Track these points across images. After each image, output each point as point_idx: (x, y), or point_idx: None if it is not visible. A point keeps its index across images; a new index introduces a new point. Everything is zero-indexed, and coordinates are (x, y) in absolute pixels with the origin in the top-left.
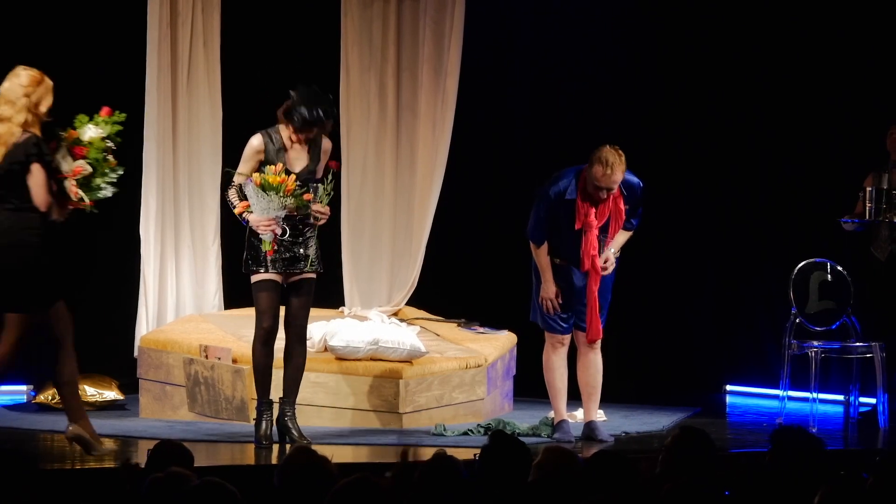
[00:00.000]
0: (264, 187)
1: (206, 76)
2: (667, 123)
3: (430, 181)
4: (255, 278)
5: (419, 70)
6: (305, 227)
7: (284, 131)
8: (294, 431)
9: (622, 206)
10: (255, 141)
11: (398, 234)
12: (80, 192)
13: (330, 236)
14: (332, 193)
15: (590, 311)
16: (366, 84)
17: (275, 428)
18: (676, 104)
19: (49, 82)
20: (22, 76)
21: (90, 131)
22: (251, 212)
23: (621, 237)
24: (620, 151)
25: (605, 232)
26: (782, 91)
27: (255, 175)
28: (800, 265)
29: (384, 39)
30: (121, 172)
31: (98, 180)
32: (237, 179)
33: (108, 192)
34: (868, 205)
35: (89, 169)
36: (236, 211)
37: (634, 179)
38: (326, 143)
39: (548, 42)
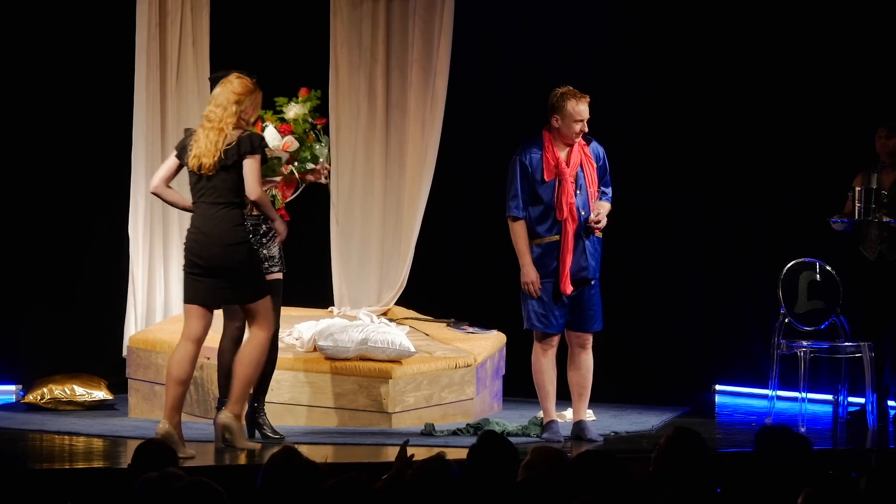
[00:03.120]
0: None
1: (195, 76)
2: (657, 123)
3: (419, 181)
4: None
5: (409, 70)
6: (269, 228)
7: None
8: (266, 428)
9: (594, 165)
10: None
11: (387, 233)
12: (292, 166)
13: (319, 236)
14: (327, 150)
15: (563, 263)
16: (355, 84)
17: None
18: (666, 104)
19: (259, 92)
20: (235, 83)
21: (294, 109)
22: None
23: (604, 207)
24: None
25: (583, 191)
26: (772, 92)
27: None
28: (789, 265)
29: (373, 39)
30: (324, 145)
31: (305, 153)
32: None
33: (312, 164)
34: (857, 205)
35: (297, 144)
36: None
37: (599, 146)
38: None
39: (537, 42)
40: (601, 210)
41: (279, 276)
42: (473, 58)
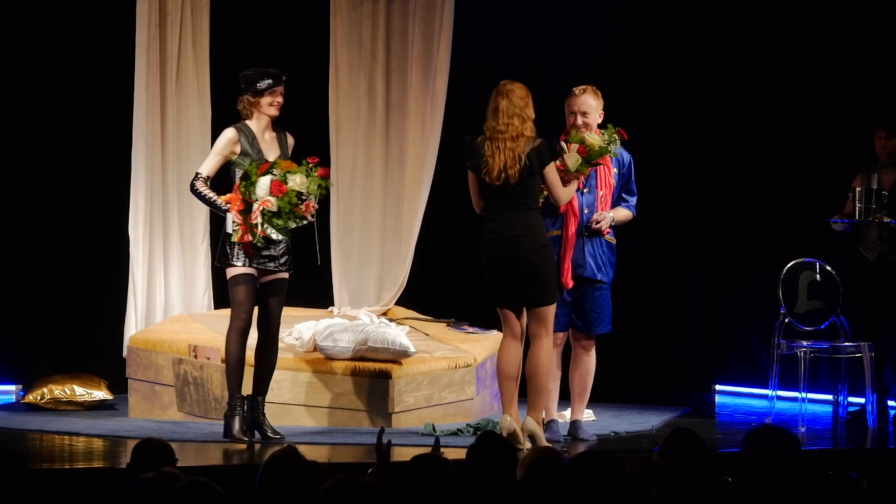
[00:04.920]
0: (249, 176)
1: (195, 76)
2: (657, 123)
3: (419, 181)
4: (232, 272)
5: (408, 70)
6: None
7: (253, 124)
8: (266, 428)
9: (611, 171)
10: (230, 133)
11: (387, 233)
12: (259, 220)
13: (319, 236)
14: (321, 189)
15: (564, 254)
16: (355, 84)
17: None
18: (666, 104)
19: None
20: (517, 90)
21: (295, 181)
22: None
23: (620, 213)
24: (596, 89)
25: (593, 192)
26: (772, 92)
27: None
28: (789, 265)
29: (373, 39)
30: (305, 223)
31: (279, 222)
32: (204, 170)
33: (281, 236)
34: (857, 205)
35: (274, 208)
36: (224, 200)
37: (625, 152)
38: (290, 139)
39: (537, 41)
40: (609, 213)
41: (286, 275)
42: (473, 58)
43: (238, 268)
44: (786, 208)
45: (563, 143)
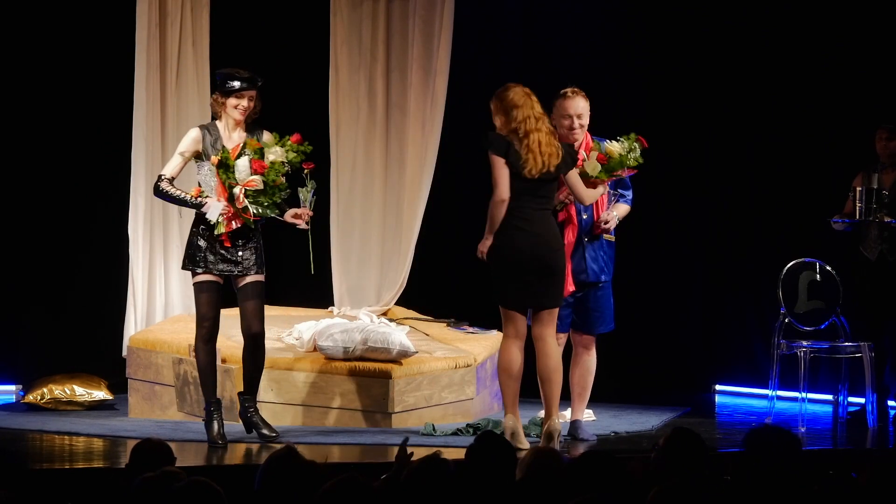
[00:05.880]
0: (226, 164)
1: (195, 76)
2: (657, 123)
3: (419, 181)
4: (194, 279)
5: (409, 70)
6: (248, 231)
7: (221, 123)
8: (261, 425)
9: None
10: (194, 132)
11: (387, 233)
12: (246, 202)
13: (319, 236)
14: (315, 196)
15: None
16: (355, 84)
17: (226, 427)
18: (666, 104)
19: None
20: (533, 96)
21: (275, 153)
22: (207, 196)
23: (621, 209)
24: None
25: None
26: (771, 92)
27: (213, 157)
28: (789, 265)
29: (373, 39)
30: (285, 195)
31: (265, 199)
32: (167, 171)
33: (272, 212)
34: (858, 205)
35: (260, 186)
36: (191, 195)
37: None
38: (267, 136)
39: (537, 41)
40: (614, 212)
41: (260, 278)
42: (473, 58)
43: (200, 275)
44: (786, 208)
45: (582, 151)
